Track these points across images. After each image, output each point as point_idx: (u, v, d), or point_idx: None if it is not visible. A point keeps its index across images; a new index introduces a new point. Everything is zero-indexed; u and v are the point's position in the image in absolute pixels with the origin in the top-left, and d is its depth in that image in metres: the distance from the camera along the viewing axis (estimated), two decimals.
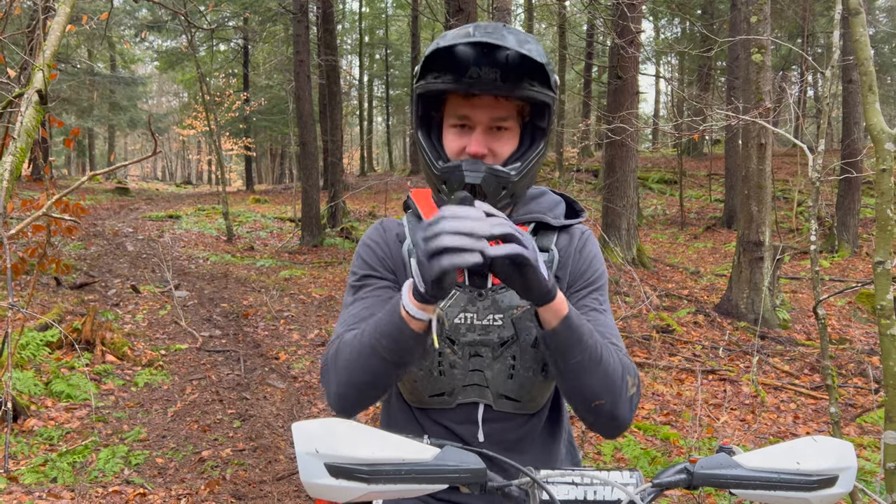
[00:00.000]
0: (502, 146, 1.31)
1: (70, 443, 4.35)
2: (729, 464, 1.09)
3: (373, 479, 0.98)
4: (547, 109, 1.30)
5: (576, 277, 1.41)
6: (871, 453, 4.47)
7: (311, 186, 13.96)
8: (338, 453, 0.97)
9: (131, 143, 51.46)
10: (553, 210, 1.45)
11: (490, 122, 1.29)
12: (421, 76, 1.29)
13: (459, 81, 1.24)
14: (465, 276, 1.38)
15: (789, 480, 1.06)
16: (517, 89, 1.24)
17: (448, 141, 1.33)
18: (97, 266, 10.17)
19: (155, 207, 19.14)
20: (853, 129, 13.06)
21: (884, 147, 2.07)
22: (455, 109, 1.31)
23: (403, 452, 1.00)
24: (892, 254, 2.10)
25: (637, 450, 4.47)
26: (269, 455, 4.35)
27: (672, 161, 23.89)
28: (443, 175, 1.28)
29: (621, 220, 10.90)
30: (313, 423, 1.00)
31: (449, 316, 1.35)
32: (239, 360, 6.28)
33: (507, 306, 1.35)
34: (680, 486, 1.12)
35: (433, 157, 1.32)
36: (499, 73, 1.22)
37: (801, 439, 1.11)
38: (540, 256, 1.10)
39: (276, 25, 23.64)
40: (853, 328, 8.28)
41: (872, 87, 2.11)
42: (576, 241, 1.44)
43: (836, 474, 1.08)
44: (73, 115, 23.50)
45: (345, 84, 31.46)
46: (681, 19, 23.61)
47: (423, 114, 1.35)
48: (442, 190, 1.29)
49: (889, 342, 2.13)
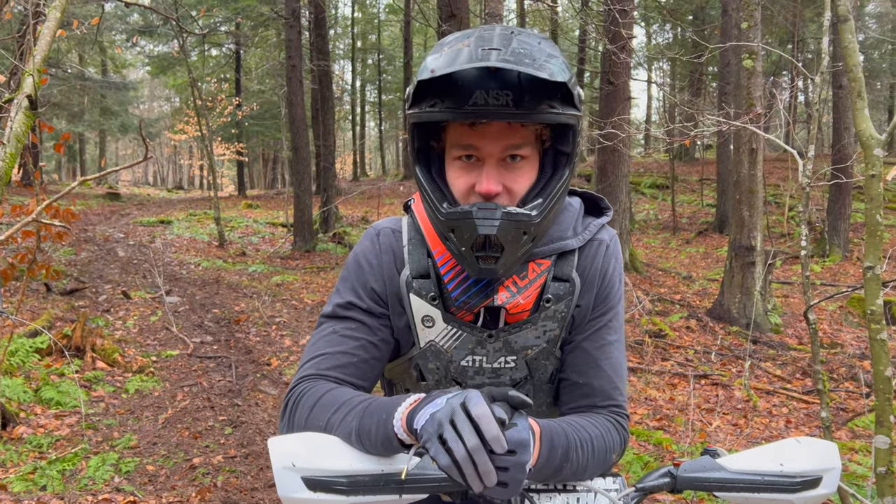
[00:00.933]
0: (519, 180, 1.10)
1: (60, 450, 4.32)
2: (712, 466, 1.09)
3: (352, 491, 0.97)
4: (570, 131, 1.10)
5: (601, 300, 1.26)
6: (862, 457, 4.48)
7: (304, 191, 13.94)
8: (315, 466, 0.96)
9: (122, 148, 51.28)
10: (574, 224, 1.25)
11: (502, 152, 1.08)
12: (414, 102, 1.07)
13: (462, 109, 1.02)
14: (473, 316, 1.22)
15: (773, 482, 1.06)
16: (534, 114, 1.02)
17: (453, 177, 1.12)
18: (88, 272, 10.11)
19: (146, 212, 19.07)
20: (843, 135, 13.14)
21: (873, 153, 2.09)
22: (459, 139, 1.10)
23: (382, 463, 0.99)
24: (881, 259, 2.11)
25: (630, 455, 4.47)
26: (260, 462, 4.33)
27: (664, 166, 23.98)
28: (450, 223, 1.07)
29: (614, 225, 10.90)
30: (289, 438, 0.99)
31: (455, 358, 1.23)
32: (230, 367, 6.25)
33: (521, 347, 1.22)
34: (664, 490, 1.11)
35: (437, 199, 1.10)
36: (511, 95, 1.01)
37: (785, 441, 1.11)
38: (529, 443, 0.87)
39: (268, 30, 23.61)
40: (845, 332, 8.31)
41: (861, 93, 2.12)
42: (601, 260, 1.25)
43: (820, 475, 1.08)
44: (64, 119, 23.42)
45: (337, 89, 31.48)
46: (672, 25, 23.74)
47: (420, 145, 1.14)
48: (450, 239, 1.09)
49: (879, 346, 2.14)
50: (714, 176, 18.83)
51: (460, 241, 1.07)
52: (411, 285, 1.22)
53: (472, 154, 1.10)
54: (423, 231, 1.24)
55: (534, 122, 1.05)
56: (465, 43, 1.03)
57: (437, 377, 1.26)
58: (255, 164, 43.37)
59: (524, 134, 1.09)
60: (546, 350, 1.25)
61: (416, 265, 1.23)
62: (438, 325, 1.22)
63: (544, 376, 1.27)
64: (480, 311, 1.22)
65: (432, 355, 1.25)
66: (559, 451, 1.06)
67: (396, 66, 33.93)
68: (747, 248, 8.07)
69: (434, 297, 1.21)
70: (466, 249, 1.07)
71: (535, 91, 1.02)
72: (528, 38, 1.05)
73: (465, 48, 1.02)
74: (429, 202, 1.11)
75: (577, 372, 1.26)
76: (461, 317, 1.22)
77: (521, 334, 1.22)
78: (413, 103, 1.07)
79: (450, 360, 1.24)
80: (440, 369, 1.25)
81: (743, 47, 7.36)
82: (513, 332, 1.22)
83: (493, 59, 0.97)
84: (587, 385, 1.25)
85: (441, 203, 1.10)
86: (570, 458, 1.08)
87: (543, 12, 19.72)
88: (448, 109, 1.03)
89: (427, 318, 1.22)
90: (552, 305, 1.21)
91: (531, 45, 1.02)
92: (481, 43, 1.02)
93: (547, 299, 1.21)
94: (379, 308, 1.24)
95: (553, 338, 1.24)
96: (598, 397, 1.25)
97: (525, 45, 1.02)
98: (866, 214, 2.16)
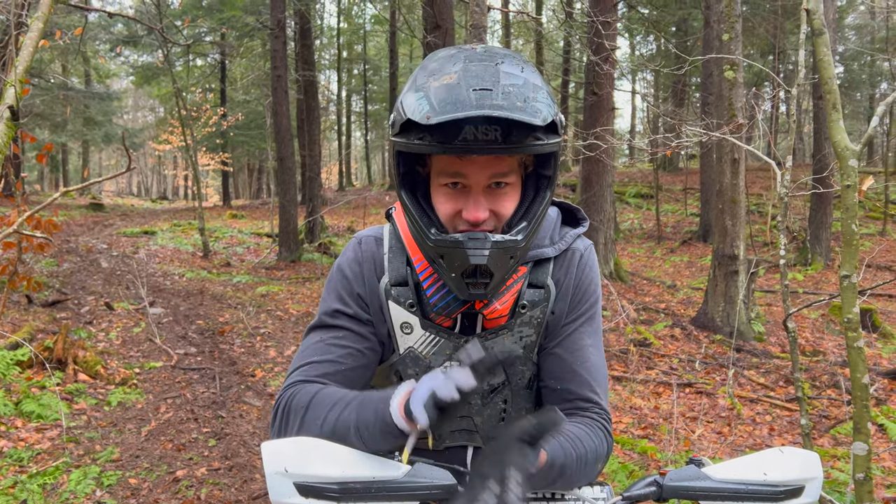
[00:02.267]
0: (505, 205, 1.13)
1: (40, 464, 4.27)
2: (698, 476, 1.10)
3: (343, 498, 0.97)
4: (552, 156, 1.13)
5: (574, 307, 1.29)
6: (844, 464, 4.52)
7: (289, 201, 13.91)
8: (307, 472, 0.96)
9: (106, 159, 50.92)
10: (551, 233, 1.29)
11: (489, 181, 1.11)
12: (402, 131, 1.08)
13: (452, 144, 1.03)
14: (451, 322, 1.26)
15: (756, 491, 1.08)
16: (522, 147, 1.05)
17: (439, 203, 1.15)
18: (70, 283, 10.02)
19: (130, 223, 18.94)
20: (824, 145, 13.31)
21: (848, 163, 2.12)
22: (446, 167, 1.12)
23: (374, 470, 1.00)
24: (857, 267, 2.14)
25: (615, 464, 4.49)
26: (244, 474, 4.30)
27: (649, 176, 24.16)
28: (439, 250, 1.10)
29: (598, 235, 10.99)
30: (282, 443, 0.99)
31: (433, 364, 1.26)
32: (214, 378, 6.21)
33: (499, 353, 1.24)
34: (650, 499, 1.13)
35: (424, 225, 1.12)
36: (499, 131, 1.03)
37: (769, 450, 1.13)
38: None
39: (253, 41, 23.62)
40: (826, 340, 8.39)
41: (836, 105, 2.16)
42: (576, 269, 1.29)
43: (803, 484, 1.10)
44: (47, 130, 23.24)
45: (323, 99, 31.49)
46: (655, 37, 24.00)
47: (405, 170, 1.16)
48: (439, 264, 1.12)
49: (856, 354, 2.17)
50: (698, 186, 19.02)
51: (450, 268, 1.10)
52: (390, 293, 1.26)
53: (458, 182, 1.12)
54: (404, 239, 1.27)
55: (520, 154, 1.08)
56: (450, 77, 1.04)
57: None
58: (241, 175, 43.23)
59: (510, 163, 1.12)
60: (523, 356, 1.27)
61: (395, 273, 1.26)
62: (417, 332, 1.25)
63: (522, 382, 1.29)
64: (458, 318, 1.26)
65: (411, 361, 1.27)
66: (556, 467, 1.09)
67: (382, 76, 34.01)
68: (730, 257, 8.14)
69: (412, 304, 1.25)
70: (456, 276, 1.10)
71: (523, 126, 1.04)
72: (513, 69, 1.06)
73: (452, 84, 1.03)
74: (416, 227, 1.13)
75: (555, 378, 1.28)
76: (439, 323, 1.25)
77: (498, 340, 1.25)
78: (400, 132, 1.08)
79: (428, 366, 1.26)
80: (419, 375, 1.27)
81: (724, 59, 7.45)
82: (489, 338, 1.25)
83: (486, 106, 0.99)
84: (565, 390, 1.27)
85: (429, 229, 1.11)
86: (566, 473, 1.11)
87: (528, 24, 19.87)
88: (438, 143, 1.04)
89: (405, 324, 1.26)
90: (528, 311, 1.25)
91: (518, 80, 1.04)
92: (471, 82, 1.03)
93: (523, 305, 1.25)
94: (365, 315, 1.27)
95: (530, 343, 1.27)
96: (578, 400, 1.27)
97: (513, 81, 1.04)
98: (842, 224, 2.20)
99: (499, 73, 1.05)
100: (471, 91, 1.01)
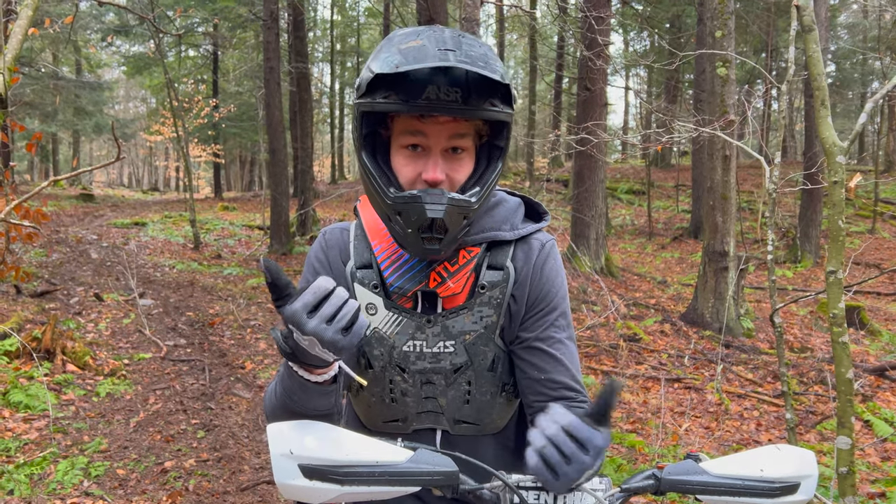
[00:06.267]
0: (460, 171, 1.20)
1: (28, 454, 4.25)
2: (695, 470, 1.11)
3: (347, 481, 0.99)
4: (506, 127, 1.21)
5: (537, 300, 1.32)
6: (830, 460, 4.56)
7: (281, 194, 13.87)
8: (312, 455, 0.98)
9: (97, 149, 50.62)
10: (510, 220, 1.35)
11: (447, 143, 1.18)
12: (367, 92, 1.14)
13: (414, 102, 1.10)
14: (413, 302, 1.31)
15: (753, 487, 1.09)
16: (479, 110, 1.12)
17: (399, 165, 1.20)
18: (59, 274, 9.97)
19: (120, 214, 18.85)
20: (815, 142, 13.36)
21: (835, 160, 2.14)
22: (407, 128, 1.18)
23: (377, 454, 1.02)
24: (843, 263, 2.16)
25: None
26: (233, 465, 4.30)
27: (641, 172, 24.24)
28: (397, 206, 1.15)
29: (590, 230, 11.02)
30: (288, 425, 1.02)
31: (397, 344, 1.30)
32: (204, 370, 6.20)
33: (459, 332, 1.29)
34: (648, 492, 1.14)
35: (384, 184, 1.17)
36: (460, 93, 1.10)
37: (765, 447, 1.15)
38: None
39: (246, 32, 23.50)
40: (814, 337, 8.45)
41: (825, 102, 2.17)
42: (535, 257, 1.33)
43: (798, 482, 1.11)
44: (37, 119, 23.08)
45: (316, 91, 31.39)
46: (649, 33, 24.02)
47: (366, 132, 1.21)
48: (395, 221, 1.17)
49: (841, 349, 2.19)
50: (689, 182, 19.08)
51: (407, 224, 1.15)
52: (355, 275, 1.32)
53: (418, 144, 1.19)
54: (365, 227, 1.35)
55: (478, 118, 1.15)
56: (418, 41, 1.11)
57: (382, 363, 1.33)
58: (232, 166, 43.06)
59: (467, 127, 1.19)
60: (484, 336, 1.30)
61: (360, 257, 1.34)
62: (381, 312, 1.31)
63: (484, 363, 1.32)
64: (418, 298, 1.31)
65: (376, 341, 1.32)
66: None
67: None
68: (720, 253, 8.18)
69: (376, 285, 1.31)
70: (413, 231, 1.16)
71: (481, 90, 1.12)
72: (475, 43, 1.14)
73: (420, 46, 1.10)
74: (375, 186, 1.18)
75: (538, 369, 1.31)
76: (402, 304, 1.31)
77: (458, 319, 1.29)
78: (365, 93, 1.14)
79: (392, 345, 1.31)
80: (384, 355, 1.32)
81: (717, 55, 7.47)
82: (450, 318, 1.29)
83: (451, 59, 1.06)
84: (549, 380, 1.31)
85: (388, 188, 1.17)
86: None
87: (522, 18, 19.85)
88: (402, 102, 1.11)
89: (370, 305, 1.31)
90: (487, 292, 1.30)
91: (479, 49, 1.12)
92: (437, 43, 1.10)
93: (482, 286, 1.30)
94: None
95: (490, 324, 1.31)
96: (564, 389, 1.30)
97: (474, 49, 1.11)
98: (829, 220, 2.21)
99: (461, 41, 1.13)
100: (436, 49, 1.08)
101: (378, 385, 1.33)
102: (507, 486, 1.09)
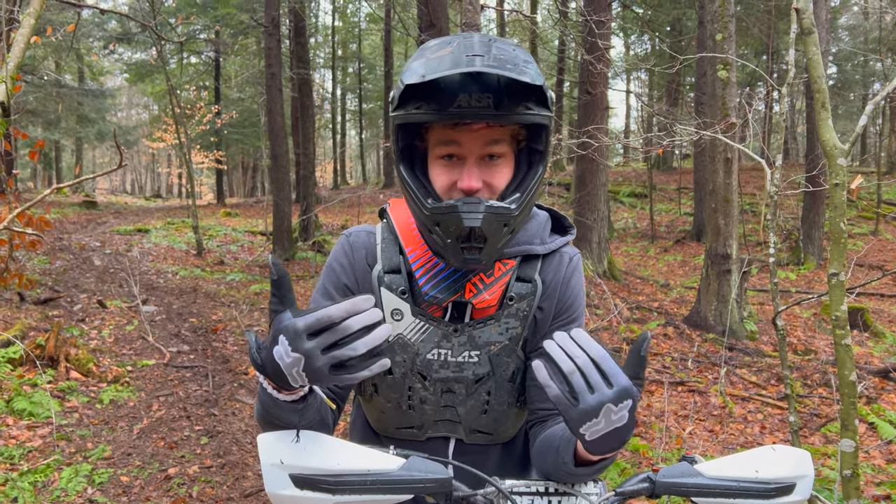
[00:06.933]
0: (498, 177, 1.18)
1: (32, 462, 4.26)
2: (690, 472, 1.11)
3: (338, 490, 0.98)
4: (544, 130, 1.18)
5: (561, 311, 1.33)
6: (834, 462, 4.55)
7: (283, 200, 13.89)
8: (303, 464, 0.98)
9: (100, 156, 50.72)
10: (540, 234, 1.34)
11: (482, 151, 1.16)
12: (400, 104, 1.13)
13: (446, 111, 1.09)
14: (442, 311, 1.29)
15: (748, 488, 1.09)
16: (512, 114, 1.10)
17: (435, 175, 1.19)
18: (63, 281, 9.98)
19: (123, 221, 18.87)
20: (817, 144, 13.33)
21: (836, 162, 2.14)
22: (441, 139, 1.17)
23: (369, 463, 1.01)
24: (845, 265, 2.15)
25: None
26: (236, 472, 4.30)
27: (643, 175, 24.22)
28: (435, 217, 1.13)
29: (592, 234, 11.01)
30: (278, 435, 1.01)
31: (421, 351, 1.28)
32: (207, 376, 6.20)
33: (485, 342, 1.27)
34: (643, 495, 1.14)
35: (421, 195, 1.16)
36: (492, 98, 1.09)
37: (761, 448, 1.14)
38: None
39: (247, 38, 23.55)
40: (818, 339, 8.43)
41: (825, 104, 2.18)
42: (564, 270, 1.33)
43: (794, 482, 1.11)
44: (40, 127, 23.11)
45: (317, 97, 31.43)
46: (650, 36, 24.04)
47: (403, 145, 1.19)
48: (435, 231, 1.15)
49: (843, 351, 2.19)
50: (691, 185, 19.06)
51: (446, 234, 1.13)
52: (383, 280, 1.29)
53: (453, 153, 1.17)
54: (398, 231, 1.31)
55: (512, 122, 1.12)
56: (447, 50, 1.10)
57: (403, 370, 1.30)
58: (235, 173, 43.12)
59: (502, 133, 1.16)
60: (508, 347, 1.29)
61: (388, 261, 1.30)
62: (407, 319, 1.28)
63: (506, 374, 1.31)
64: (448, 307, 1.29)
65: (399, 348, 1.29)
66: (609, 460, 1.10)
67: (377, 74, 33.98)
68: (723, 256, 8.16)
69: (404, 291, 1.27)
70: (452, 241, 1.14)
71: (514, 94, 1.10)
72: (505, 46, 1.12)
73: (448, 55, 1.08)
74: (414, 198, 1.16)
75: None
76: (431, 312, 1.28)
77: (486, 330, 1.27)
78: (398, 106, 1.13)
79: (416, 353, 1.28)
80: (406, 362, 1.29)
81: (718, 58, 7.47)
82: (477, 328, 1.27)
83: (478, 64, 1.04)
84: None
85: (426, 199, 1.15)
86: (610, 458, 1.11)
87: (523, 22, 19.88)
88: (434, 111, 1.10)
89: (396, 311, 1.28)
90: (515, 304, 1.28)
91: (509, 52, 1.09)
92: (464, 50, 1.08)
93: (510, 297, 1.28)
94: None
95: (515, 335, 1.29)
96: None
97: (504, 52, 1.09)
98: (831, 222, 2.21)
99: (491, 45, 1.10)
100: (463, 56, 1.06)
101: (396, 391, 1.31)
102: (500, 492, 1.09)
